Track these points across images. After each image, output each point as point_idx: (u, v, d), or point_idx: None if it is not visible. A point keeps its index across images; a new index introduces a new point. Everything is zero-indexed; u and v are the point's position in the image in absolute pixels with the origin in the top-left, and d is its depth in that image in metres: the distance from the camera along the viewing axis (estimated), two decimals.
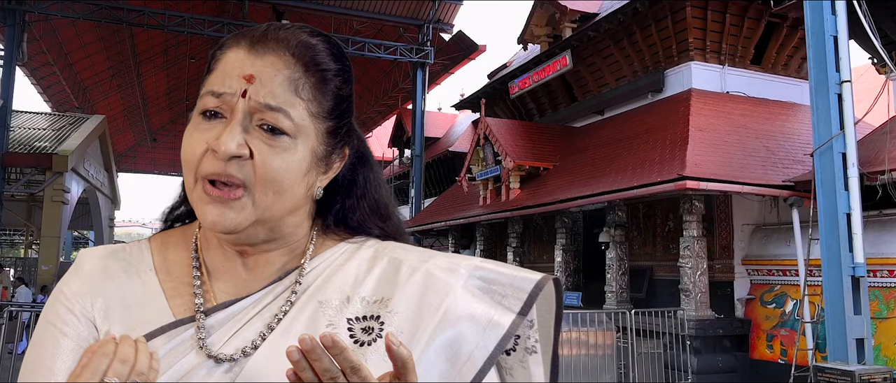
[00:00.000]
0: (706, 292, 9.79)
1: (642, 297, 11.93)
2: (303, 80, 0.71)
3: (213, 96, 0.70)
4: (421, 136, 21.15)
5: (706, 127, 10.13)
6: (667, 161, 9.54)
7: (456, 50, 22.50)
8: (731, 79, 12.07)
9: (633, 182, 9.86)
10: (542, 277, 0.75)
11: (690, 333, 9.47)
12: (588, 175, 11.68)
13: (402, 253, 0.78)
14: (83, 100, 29.38)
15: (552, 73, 14.49)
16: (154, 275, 0.77)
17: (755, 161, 9.69)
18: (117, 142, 37.09)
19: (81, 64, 27.14)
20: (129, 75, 29.65)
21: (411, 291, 0.72)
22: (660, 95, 12.52)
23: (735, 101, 11.42)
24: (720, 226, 10.51)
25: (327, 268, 0.76)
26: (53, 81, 27.13)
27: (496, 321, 0.71)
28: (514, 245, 14.60)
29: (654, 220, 12.35)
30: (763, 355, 9.55)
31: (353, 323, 0.70)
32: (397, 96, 27.65)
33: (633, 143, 11.25)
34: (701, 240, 9.83)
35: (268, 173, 0.69)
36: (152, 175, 44.39)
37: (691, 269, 9.78)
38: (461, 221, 14.95)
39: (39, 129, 20.31)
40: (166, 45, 28.23)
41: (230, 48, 0.72)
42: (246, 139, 0.68)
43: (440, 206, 18.16)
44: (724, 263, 10.39)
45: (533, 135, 14.17)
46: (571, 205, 10.99)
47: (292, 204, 0.73)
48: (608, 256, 11.61)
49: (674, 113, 10.93)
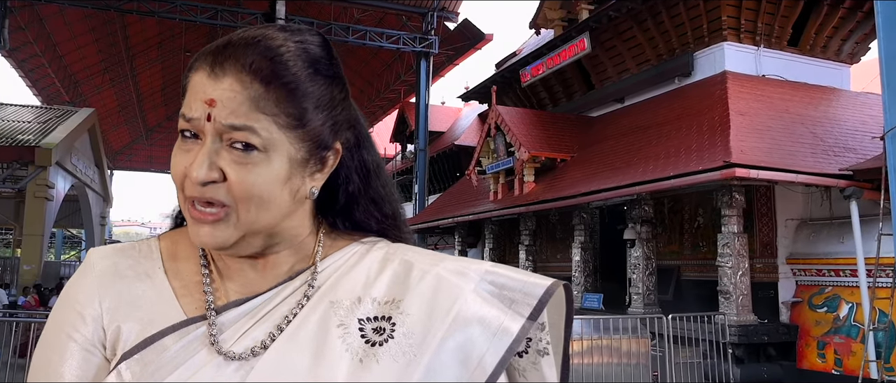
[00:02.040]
0: (748, 295, 8.80)
1: (669, 299, 10.95)
2: (263, 98, 0.68)
3: (184, 120, 0.70)
4: (424, 129, 20.13)
5: (747, 111, 9.14)
6: (706, 148, 8.54)
7: (461, 39, 21.48)
8: (767, 61, 11.09)
9: (664, 172, 8.87)
10: (552, 282, 0.73)
11: (733, 340, 8.48)
12: (611, 166, 10.69)
13: (412, 255, 0.77)
14: (75, 95, 28.35)
15: (568, 58, 13.47)
16: (163, 274, 0.77)
17: (804, 148, 8.70)
18: (112, 139, 36.20)
19: (71, 56, 26.13)
20: (122, 69, 28.61)
21: (422, 294, 0.72)
22: (687, 80, 11.53)
23: (773, 85, 10.44)
24: (761, 221, 9.51)
25: (338, 269, 0.76)
26: (43, 75, 26.12)
27: (506, 326, 0.70)
28: (527, 243, 13.59)
29: (680, 216, 11.37)
30: (813, 364, 8.55)
31: (364, 323, 0.70)
32: (399, 90, 26.68)
33: (661, 131, 10.26)
34: (742, 237, 8.83)
35: (245, 191, 0.68)
36: (149, 173, 43.55)
37: (732, 269, 8.78)
38: (470, 217, 13.94)
39: (24, 122, 19.27)
40: (161, 38, 27.30)
41: (194, 72, 0.71)
42: (216, 161, 0.68)
43: (445, 203, 17.15)
44: (767, 262, 9.40)
45: (548, 124, 13.18)
46: (595, 199, 9.99)
47: (279, 212, 0.72)
48: (633, 255, 10.62)
49: (707, 97, 9.94)
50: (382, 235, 0.82)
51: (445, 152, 22.30)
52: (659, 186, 8.69)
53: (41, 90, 27.72)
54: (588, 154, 12.06)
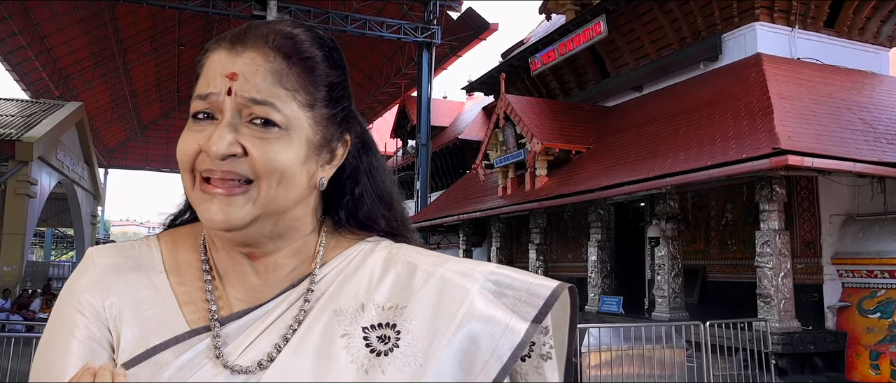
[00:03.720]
0: (791, 299, 7.92)
1: (694, 302, 10.09)
2: (286, 71, 0.69)
3: (201, 99, 0.69)
4: (427, 123, 19.24)
5: (788, 95, 8.25)
6: (745, 135, 7.66)
7: (465, 29, 20.59)
8: (802, 43, 10.20)
9: (696, 162, 7.98)
10: (558, 285, 0.72)
11: (775, 349, 7.59)
12: (633, 158, 9.80)
13: (416, 257, 0.76)
14: (65, 89, 27.41)
15: (582, 43, 12.58)
16: (164, 277, 0.76)
17: (854, 135, 7.83)
18: (107, 136, 35.33)
19: (60, 49, 25.21)
20: (114, 63, 27.69)
21: (427, 298, 0.71)
22: (714, 65, 10.64)
23: (812, 68, 9.56)
24: (802, 216, 8.63)
25: (340, 274, 0.75)
26: (30, 68, 25.16)
27: (511, 328, 0.69)
28: (538, 242, 12.70)
29: (706, 212, 10.51)
30: (866, 376, 7.66)
31: (368, 331, 0.69)
32: (400, 84, 25.82)
33: (689, 119, 9.37)
34: (784, 234, 7.95)
35: (267, 164, 0.67)
36: (146, 171, 42.75)
37: (772, 270, 7.89)
38: (477, 214, 13.03)
39: (7, 116, 18.39)
40: (154, 32, 26.44)
41: (212, 52, 0.71)
42: (237, 137, 0.67)
43: (449, 199, 16.26)
44: (809, 262, 8.52)
45: (561, 114, 12.29)
46: (618, 193, 9.11)
47: (296, 194, 0.71)
48: (657, 254, 9.74)
49: (742, 80, 9.06)
50: (390, 234, 0.80)
51: (448, 147, 21.40)
52: (695, 177, 7.80)
53: (29, 85, 26.77)
54: (605, 146, 11.17)
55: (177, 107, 35.82)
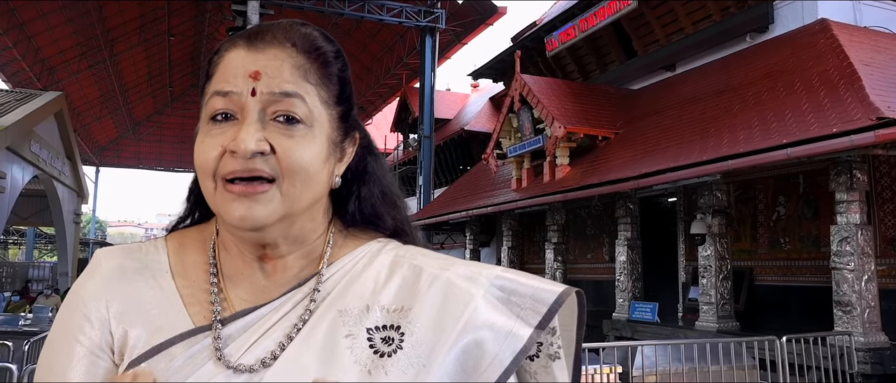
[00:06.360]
0: (876, 308, 6.55)
1: (740, 309, 8.74)
2: (308, 66, 0.69)
3: (220, 96, 0.67)
4: (430, 114, 17.87)
5: (871, 62, 6.88)
6: (827, 108, 6.30)
7: (471, 14, 19.23)
8: (868, 11, 8.84)
9: (763, 142, 6.62)
10: (564, 290, 0.71)
11: (862, 369, 6.22)
12: (674, 141, 8.44)
13: (422, 259, 0.75)
14: (49, 81, 26.01)
15: (607, 17, 11.20)
16: (171, 278, 0.75)
17: None
18: (97, 132, 33.96)
19: (42, 38, 23.86)
20: (101, 55, 26.32)
21: (432, 301, 0.70)
22: (764, 36, 9.29)
23: (887, 37, 8.19)
24: (882, 209, 7.26)
25: (346, 275, 0.74)
26: (9, 58, 23.77)
27: (515, 334, 0.69)
28: (556, 241, 11.30)
29: (752, 206, 9.15)
30: None
31: (372, 332, 0.69)
32: (401, 75, 24.47)
33: (744, 95, 8.02)
34: (867, 230, 6.59)
35: (293, 163, 0.67)
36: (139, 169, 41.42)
37: (853, 273, 6.53)
38: (489, 209, 11.64)
39: None
40: (142, 21, 25.12)
41: (228, 50, 0.70)
42: (264, 135, 0.66)
43: (455, 195, 14.87)
44: (892, 264, 7.15)
45: (584, 97, 10.93)
46: (662, 181, 7.75)
47: (316, 192, 0.71)
48: (702, 254, 8.40)
49: (808, 49, 7.71)
50: (397, 234, 0.80)
51: (453, 139, 20.02)
52: (766, 158, 6.42)
53: (10, 76, 25.39)
54: (636, 130, 9.81)
55: (170, 103, 34.49)
